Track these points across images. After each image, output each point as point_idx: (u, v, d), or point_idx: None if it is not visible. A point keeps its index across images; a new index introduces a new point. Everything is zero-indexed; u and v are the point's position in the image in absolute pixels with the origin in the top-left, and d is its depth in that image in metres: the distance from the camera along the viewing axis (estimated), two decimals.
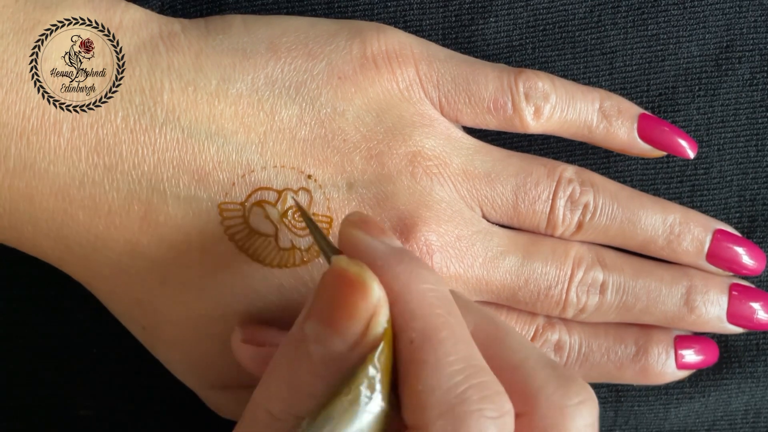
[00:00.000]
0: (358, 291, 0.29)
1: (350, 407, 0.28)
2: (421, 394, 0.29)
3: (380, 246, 0.31)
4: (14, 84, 0.35)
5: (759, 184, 0.44)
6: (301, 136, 0.37)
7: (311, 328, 0.30)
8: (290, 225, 0.37)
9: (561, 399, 0.31)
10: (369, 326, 0.29)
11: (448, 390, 0.29)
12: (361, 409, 0.29)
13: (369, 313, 0.29)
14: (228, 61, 0.37)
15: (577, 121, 0.41)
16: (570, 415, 0.31)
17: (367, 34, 0.38)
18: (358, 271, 0.30)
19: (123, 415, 0.46)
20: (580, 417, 0.31)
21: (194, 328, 0.38)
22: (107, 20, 0.36)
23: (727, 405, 0.46)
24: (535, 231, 0.41)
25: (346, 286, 0.29)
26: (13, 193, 0.35)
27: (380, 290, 0.30)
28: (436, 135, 0.39)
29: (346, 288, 0.29)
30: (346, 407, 0.28)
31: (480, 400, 0.29)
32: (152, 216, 0.36)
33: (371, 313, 0.29)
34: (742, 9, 0.43)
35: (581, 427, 0.31)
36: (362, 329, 0.29)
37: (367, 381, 0.29)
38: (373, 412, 0.29)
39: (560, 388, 0.31)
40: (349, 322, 0.29)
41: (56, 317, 0.45)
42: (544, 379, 0.31)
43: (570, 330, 0.42)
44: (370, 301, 0.29)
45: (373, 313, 0.29)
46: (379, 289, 0.29)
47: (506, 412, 0.29)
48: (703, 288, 0.42)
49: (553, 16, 0.43)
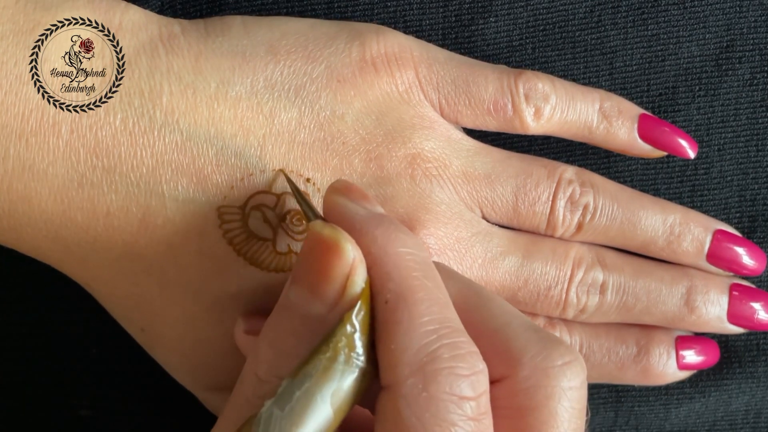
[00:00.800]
0: (332, 252, 0.30)
1: (329, 365, 0.29)
2: (393, 353, 0.29)
3: (360, 210, 0.32)
4: (13, 86, 0.34)
5: (759, 184, 0.44)
6: (300, 140, 0.37)
7: (294, 293, 0.31)
8: (288, 229, 0.37)
9: (544, 360, 0.31)
10: (345, 286, 0.30)
11: (419, 349, 0.29)
12: (340, 366, 0.29)
13: (344, 273, 0.30)
14: (227, 63, 0.37)
15: (577, 121, 0.41)
16: (554, 376, 0.31)
17: (367, 36, 0.38)
18: (332, 233, 0.30)
19: (123, 415, 0.46)
20: (564, 378, 0.31)
21: (192, 330, 0.38)
22: (107, 21, 0.36)
23: (728, 405, 0.46)
24: (535, 232, 0.41)
25: (322, 249, 0.30)
26: (11, 194, 0.35)
27: (355, 251, 0.30)
28: (436, 137, 0.39)
29: (322, 250, 0.30)
30: (325, 365, 0.29)
31: (451, 359, 0.29)
32: (150, 218, 0.36)
33: (347, 273, 0.30)
34: (742, 9, 0.43)
35: (566, 389, 0.31)
36: (339, 289, 0.30)
37: (345, 339, 0.29)
38: (353, 371, 0.29)
39: (544, 350, 0.31)
40: (325, 284, 0.30)
41: (56, 317, 0.45)
42: (527, 341, 0.32)
43: (571, 330, 0.42)
44: (345, 262, 0.30)
45: (348, 273, 0.30)
46: (353, 250, 0.30)
47: (479, 371, 0.30)
48: (704, 288, 0.42)
49: (553, 16, 0.43)
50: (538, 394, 0.31)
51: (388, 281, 0.30)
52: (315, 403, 0.29)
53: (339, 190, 0.34)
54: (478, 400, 0.29)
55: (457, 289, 0.33)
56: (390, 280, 0.30)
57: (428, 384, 0.29)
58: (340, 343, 0.29)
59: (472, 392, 0.29)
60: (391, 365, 0.29)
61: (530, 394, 0.31)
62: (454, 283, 0.33)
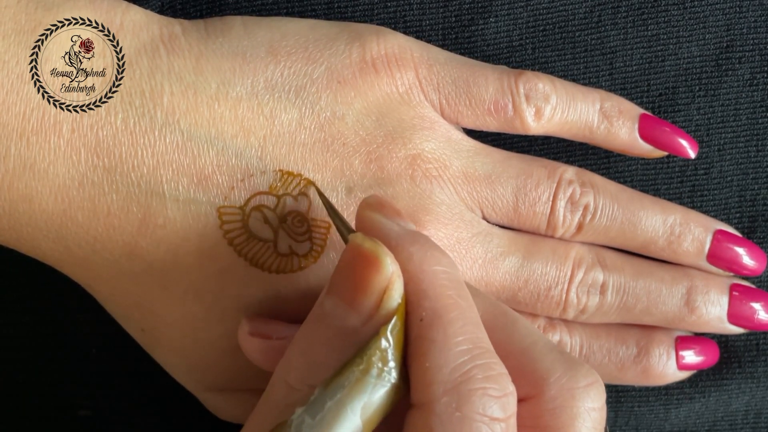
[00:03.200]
0: (372, 265, 0.30)
1: (362, 377, 0.29)
2: (427, 372, 0.30)
3: (395, 227, 0.33)
4: (15, 85, 0.35)
5: (759, 184, 0.44)
6: (300, 141, 0.37)
7: (329, 303, 0.31)
8: (289, 230, 0.37)
9: (569, 382, 0.32)
10: (382, 300, 0.30)
11: (453, 368, 0.30)
12: (373, 380, 0.30)
13: (382, 286, 0.30)
14: (228, 64, 0.37)
15: (578, 122, 0.41)
16: (578, 397, 0.32)
17: (367, 37, 0.38)
18: (373, 246, 0.31)
19: (123, 415, 0.46)
20: (588, 399, 0.32)
21: (192, 330, 0.38)
22: (108, 21, 0.36)
23: (728, 405, 0.46)
24: (535, 232, 0.41)
25: (361, 261, 0.31)
26: (12, 193, 0.35)
27: (394, 265, 0.31)
28: (436, 138, 0.39)
29: (361, 263, 0.31)
30: (357, 376, 0.29)
31: (484, 380, 0.30)
32: (151, 218, 0.36)
33: (384, 286, 0.30)
34: (742, 9, 0.43)
35: (590, 410, 0.32)
36: (375, 303, 0.30)
37: (379, 353, 0.30)
38: (384, 385, 0.30)
39: (568, 371, 0.32)
40: (363, 296, 0.31)
41: (56, 317, 0.45)
42: (552, 363, 0.32)
43: (571, 331, 0.42)
44: (384, 275, 0.30)
45: (386, 287, 0.30)
46: (392, 264, 0.31)
47: (509, 392, 0.30)
48: (704, 288, 0.42)
49: (553, 16, 0.43)
50: (564, 414, 0.32)
51: (424, 299, 0.31)
52: (345, 414, 0.29)
53: (372, 206, 0.34)
54: (508, 421, 0.30)
55: (485, 308, 0.34)
56: (425, 297, 0.31)
57: (462, 404, 0.29)
58: (374, 356, 0.30)
59: (502, 413, 0.30)
60: (425, 383, 0.30)
61: (556, 414, 0.32)
62: (481, 302, 0.34)
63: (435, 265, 0.31)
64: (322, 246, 0.37)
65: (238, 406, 0.41)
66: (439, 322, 0.30)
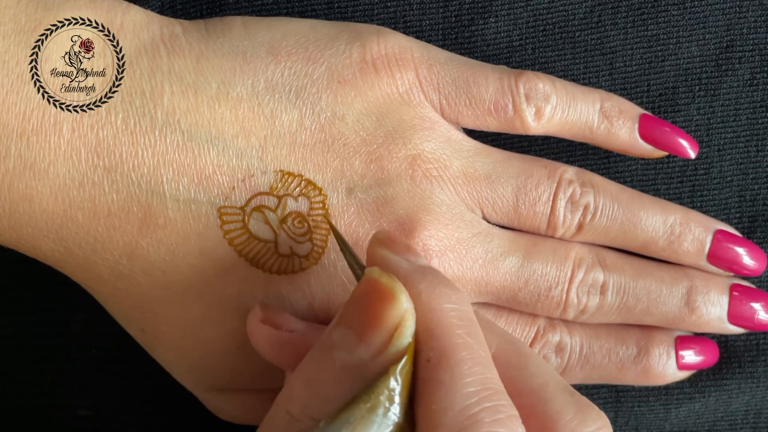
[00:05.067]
0: (386, 301, 0.30)
1: (368, 415, 0.29)
2: (434, 414, 0.29)
3: (404, 263, 0.32)
4: (15, 85, 0.35)
5: (759, 184, 0.44)
6: (301, 141, 0.37)
7: (338, 334, 0.31)
8: (290, 231, 0.37)
9: (579, 425, 0.31)
10: (393, 336, 0.30)
11: (460, 411, 0.29)
12: (378, 418, 0.29)
13: (395, 323, 0.30)
14: (228, 64, 0.37)
15: (578, 122, 0.41)
16: None
17: (367, 38, 0.38)
18: (389, 282, 0.30)
19: (123, 415, 0.46)
20: None
21: (192, 331, 0.38)
22: (108, 21, 0.36)
23: (728, 405, 0.46)
24: (535, 232, 0.41)
25: (376, 296, 0.30)
26: (12, 193, 0.35)
27: (408, 303, 0.30)
28: (436, 138, 0.39)
29: (375, 297, 0.30)
30: (363, 414, 0.29)
31: (492, 423, 0.29)
32: (151, 218, 0.36)
33: (397, 323, 0.30)
34: (742, 9, 0.43)
35: None
36: (386, 338, 0.30)
37: (387, 392, 0.29)
38: (389, 424, 0.29)
39: (579, 414, 0.32)
40: (374, 330, 0.30)
41: (56, 317, 0.45)
42: (563, 405, 0.32)
43: (571, 331, 0.42)
44: (398, 312, 0.30)
45: (398, 324, 0.30)
46: (407, 302, 0.30)
47: None
48: (704, 288, 0.42)
49: (553, 16, 0.43)
50: None
51: (432, 339, 0.30)
52: None
53: (382, 242, 0.33)
54: None
55: (497, 343, 0.33)
56: (433, 337, 0.30)
57: None
58: (381, 395, 0.29)
59: None
60: (431, 426, 0.29)
61: None
62: (494, 337, 0.33)
63: (444, 302, 0.31)
64: (323, 247, 0.37)
65: (238, 406, 0.41)
66: (447, 362, 0.30)
